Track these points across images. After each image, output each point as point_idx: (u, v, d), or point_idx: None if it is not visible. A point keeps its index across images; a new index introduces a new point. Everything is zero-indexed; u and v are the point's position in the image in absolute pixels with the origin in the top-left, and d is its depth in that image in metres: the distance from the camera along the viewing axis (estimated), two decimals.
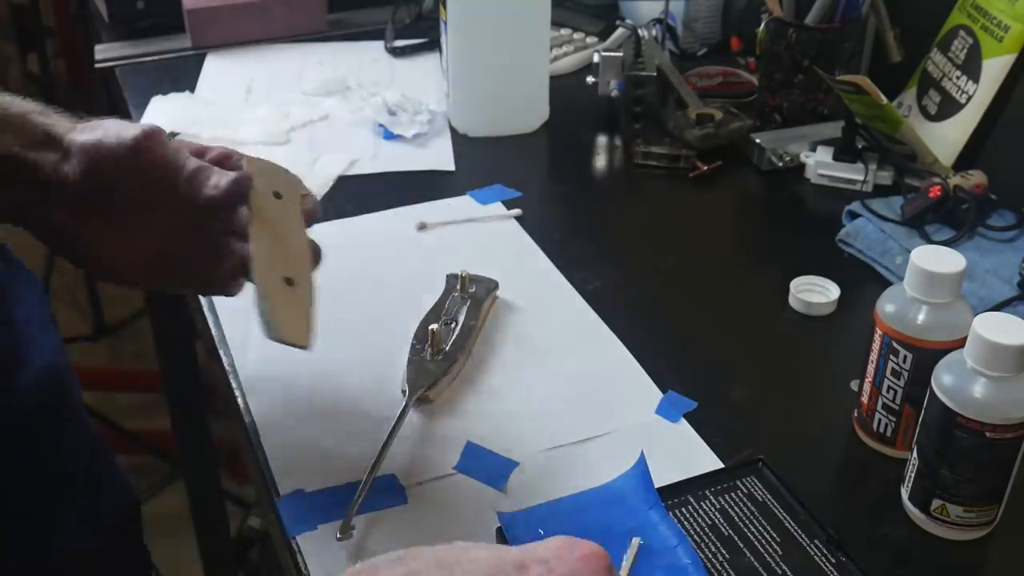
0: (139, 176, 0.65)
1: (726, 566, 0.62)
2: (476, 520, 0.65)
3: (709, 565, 0.62)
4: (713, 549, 0.63)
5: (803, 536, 0.64)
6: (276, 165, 0.70)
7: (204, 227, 0.66)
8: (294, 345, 0.62)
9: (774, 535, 0.64)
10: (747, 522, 0.65)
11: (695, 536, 0.64)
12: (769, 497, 0.67)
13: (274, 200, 0.67)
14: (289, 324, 0.63)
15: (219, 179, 0.65)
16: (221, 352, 0.80)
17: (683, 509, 0.66)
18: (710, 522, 0.65)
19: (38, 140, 0.64)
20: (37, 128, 0.65)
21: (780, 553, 0.63)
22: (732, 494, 0.67)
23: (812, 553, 0.63)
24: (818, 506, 0.66)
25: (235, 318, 0.82)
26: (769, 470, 0.68)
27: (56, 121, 0.66)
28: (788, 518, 0.65)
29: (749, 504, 0.66)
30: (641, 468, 0.66)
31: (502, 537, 0.63)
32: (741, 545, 0.63)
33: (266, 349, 0.72)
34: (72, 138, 0.64)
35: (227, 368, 0.78)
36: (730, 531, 0.64)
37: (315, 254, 0.69)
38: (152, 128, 0.65)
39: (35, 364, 0.72)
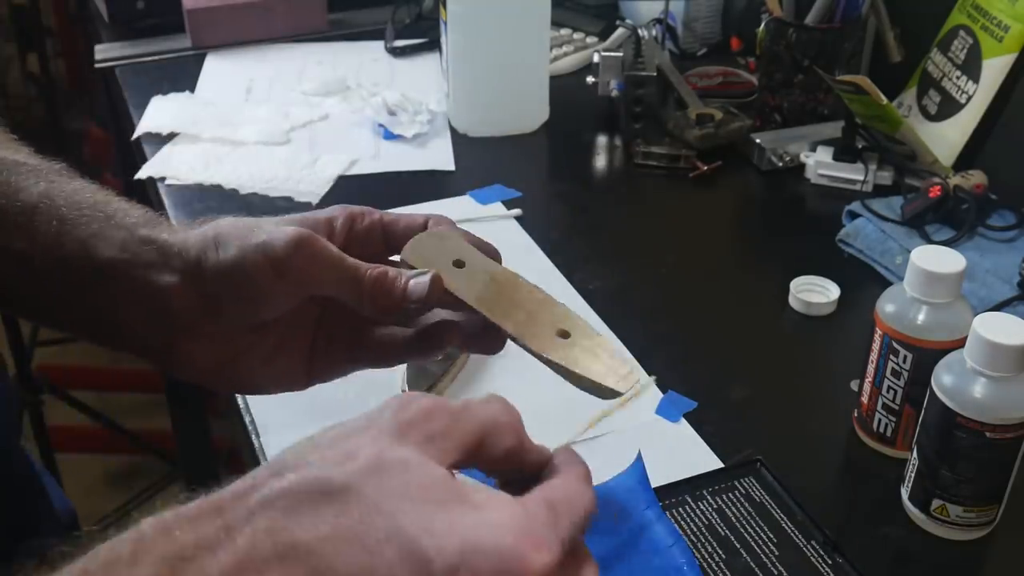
0: (290, 296, 0.54)
1: (722, 566, 0.62)
2: None
3: (705, 565, 0.62)
4: (709, 549, 0.63)
5: (800, 537, 0.64)
6: (432, 235, 0.61)
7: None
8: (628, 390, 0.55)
9: (771, 536, 0.64)
10: (744, 522, 0.65)
11: (691, 536, 0.64)
12: (766, 497, 0.67)
13: (462, 272, 0.59)
14: (612, 375, 0.55)
15: (408, 292, 0.55)
16: None
17: (680, 509, 0.66)
18: (707, 522, 0.65)
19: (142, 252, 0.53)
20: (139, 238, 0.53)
21: (776, 554, 0.63)
22: (729, 494, 0.67)
23: (808, 554, 0.63)
24: (818, 506, 0.66)
25: None
26: (767, 470, 0.68)
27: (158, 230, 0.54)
28: (785, 519, 0.65)
29: (746, 504, 0.66)
30: (638, 468, 0.66)
31: None
32: (738, 545, 0.63)
33: None
34: (189, 256, 0.52)
35: None
36: (727, 531, 0.64)
37: (495, 257, 0.61)
38: (302, 235, 0.52)
39: None
